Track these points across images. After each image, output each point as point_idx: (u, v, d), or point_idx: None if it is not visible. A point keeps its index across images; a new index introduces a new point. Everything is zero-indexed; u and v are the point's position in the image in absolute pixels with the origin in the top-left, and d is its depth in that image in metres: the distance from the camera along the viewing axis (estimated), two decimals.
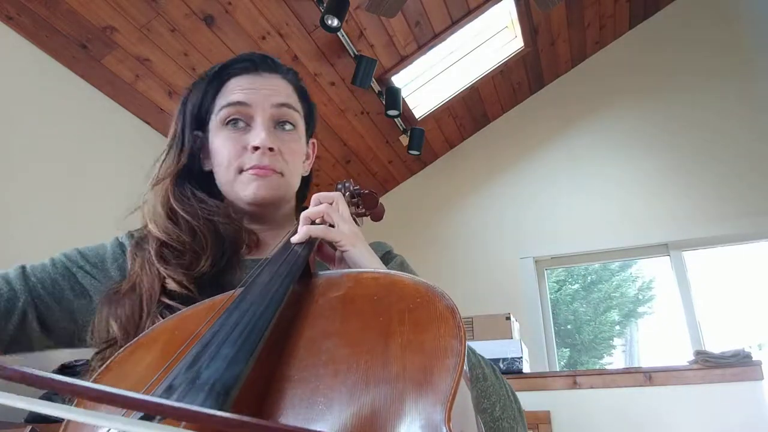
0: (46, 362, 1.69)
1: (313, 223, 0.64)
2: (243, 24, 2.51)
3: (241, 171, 0.74)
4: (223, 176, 0.75)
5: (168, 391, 0.34)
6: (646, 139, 3.56)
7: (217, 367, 0.36)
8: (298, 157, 0.79)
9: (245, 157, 0.73)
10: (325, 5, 2.47)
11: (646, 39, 3.75)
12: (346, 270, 0.56)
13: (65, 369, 1.66)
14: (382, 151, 3.76)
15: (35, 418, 1.70)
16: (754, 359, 2.38)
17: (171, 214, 0.71)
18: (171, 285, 0.64)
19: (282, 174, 0.75)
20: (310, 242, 0.61)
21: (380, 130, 3.55)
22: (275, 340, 0.44)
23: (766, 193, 3.18)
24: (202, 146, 0.78)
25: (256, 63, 0.80)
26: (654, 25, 3.77)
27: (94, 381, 0.47)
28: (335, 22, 2.47)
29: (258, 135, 0.73)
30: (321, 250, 0.67)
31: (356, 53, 2.87)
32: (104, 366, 0.48)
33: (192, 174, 0.77)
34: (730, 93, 3.44)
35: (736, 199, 3.22)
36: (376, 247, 0.79)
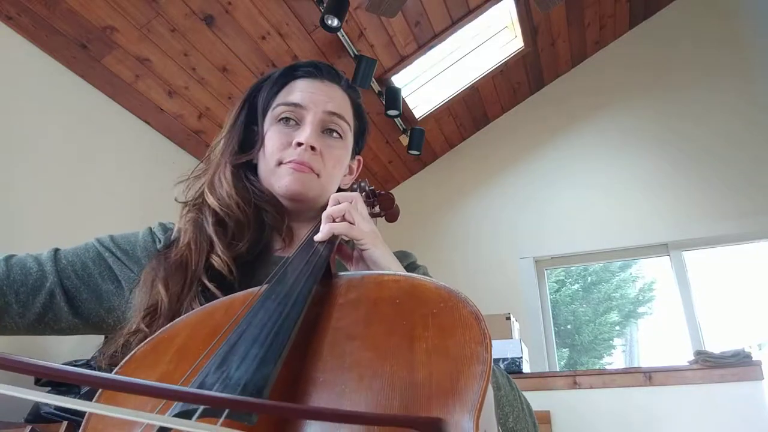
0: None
1: (334, 221, 0.66)
2: (243, 24, 2.51)
3: (280, 163, 0.76)
4: (264, 167, 0.79)
5: (201, 389, 0.34)
6: (647, 139, 3.56)
7: (247, 368, 0.35)
8: (338, 164, 0.80)
9: (288, 150, 0.76)
10: (325, 5, 2.46)
11: (646, 39, 3.75)
12: (367, 272, 0.56)
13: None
14: (382, 151, 3.76)
15: (35, 418, 1.70)
16: (754, 359, 2.38)
17: (225, 194, 0.75)
18: (215, 260, 0.67)
19: (318, 175, 0.77)
20: (331, 241, 0.63)
21: (380, 130, 3.55)
22: (299, 341, 0.43)
23: (766, 192, 3.18)
24: (255, 141, 0.81)
25: (321, 69, 0.82)
26: (654, 25, 3.77)
27: (117, 373, 0.47)
28: (335, 22, 2.47)
29: (304, 132, 0.76)
30: (339, 249, 0.69)
31: (356, 53, 2.87)
32: (126, 359, 0.48)
33: (243, 163, 0.81)
34: (730, 93, 3.44)
35: (736, 198, 3.22)
36: (401, 256, 0.80)
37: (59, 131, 2.30)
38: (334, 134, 0.80)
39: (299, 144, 0.75)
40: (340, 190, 0.87)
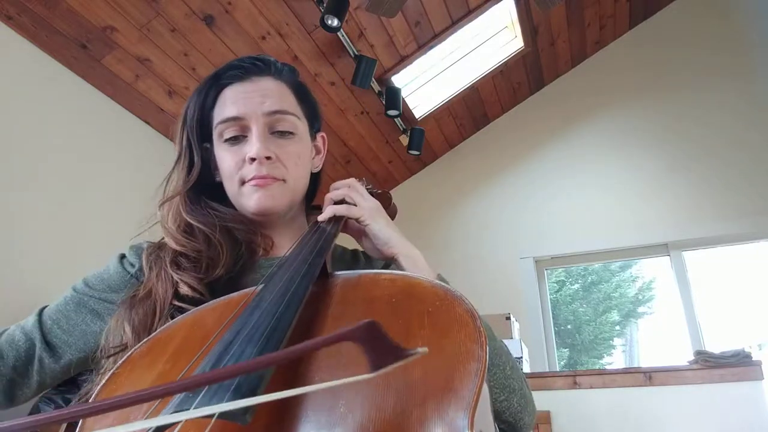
0: None
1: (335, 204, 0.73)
2: (243, 24, 2.51)
3: (243, 183, 0.74)
4: (228, 189, 0.77)
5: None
6: (646, 139, 3.56)
7: None
8: (299, 159, 0.78)
9: (245, 168, 0.74)
10: (325, 5, 2.46)
11: (646, 39, 3.75)
12: (363, 271, 0.57)
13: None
14: (382, 151, 3.76)
15: None
16: (754, 359, 2.37)
17: (186, 227, 0.73)
18: (184, 289, 0.65)
19: (284, 180, 0.75)
20: (336, 221, 0.70)
21: (380, 130, 3.55)
22: (294, 340, 0.43)
23: (766, 192, 3.18)
24: (210, 157, 0.79)
25: (245, 69, 0.77)
26: (654, 25, 3.77)
27: (113, 375, 0.47)
28: (335, 22, 2.47)
29: (253, 146, 0.72)
30: (347, 226, 0.74)
31: (356, 53, 2.87)
32: (123, 360, 0.49)
33: (204, 186, 0.78)
34: (730, 92, 3.44)
35: (737, 198, 3.22)
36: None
37: (59, 131, 2.30)
38: (286, 133, 0.76)
39: (253, 159, 0.72)
40: (313, 174, 0.86)
